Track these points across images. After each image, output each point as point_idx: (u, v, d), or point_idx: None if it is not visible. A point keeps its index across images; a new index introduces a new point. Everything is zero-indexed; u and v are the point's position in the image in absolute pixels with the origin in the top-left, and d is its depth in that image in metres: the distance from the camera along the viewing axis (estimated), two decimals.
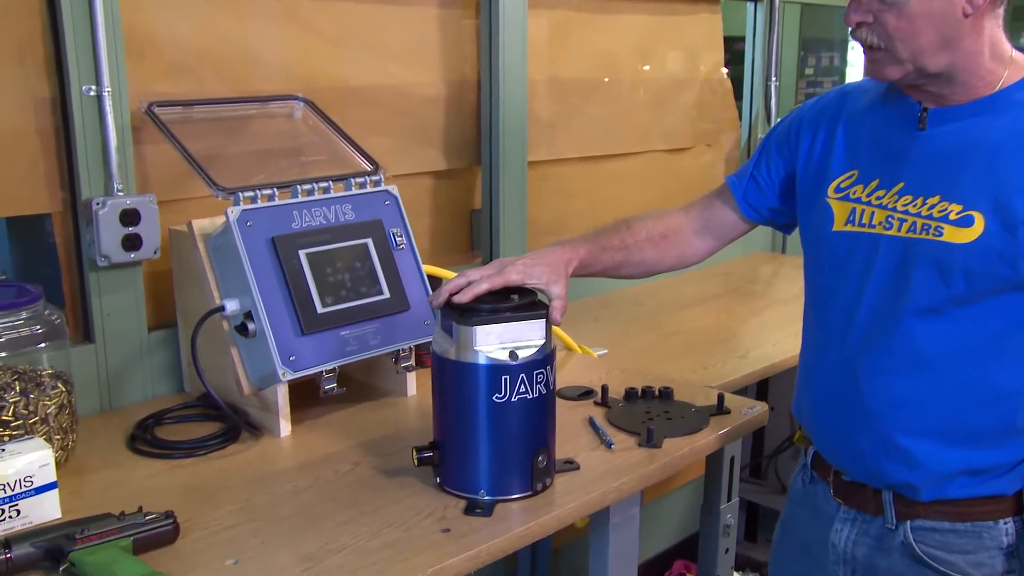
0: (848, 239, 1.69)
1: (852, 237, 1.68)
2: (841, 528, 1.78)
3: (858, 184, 1.70)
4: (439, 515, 1.60)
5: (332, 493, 1.69)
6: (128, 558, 1.44)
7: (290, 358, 1.88)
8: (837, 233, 1.71)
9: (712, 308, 3.05)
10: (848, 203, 1.70)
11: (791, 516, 1.94)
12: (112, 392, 2.13)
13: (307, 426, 1.99)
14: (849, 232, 1.69)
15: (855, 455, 1.71)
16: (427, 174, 2.78)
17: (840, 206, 1.71)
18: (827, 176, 1.75)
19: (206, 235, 1.96)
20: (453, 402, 1.65)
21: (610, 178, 3.31)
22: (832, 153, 1.76)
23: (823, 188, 1.75)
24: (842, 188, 1.72)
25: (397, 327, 2.03)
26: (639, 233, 1.97)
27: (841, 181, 1.73)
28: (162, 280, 2.19)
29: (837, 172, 1.74)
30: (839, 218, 1.71)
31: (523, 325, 1.62)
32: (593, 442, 1.88)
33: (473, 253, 2.93)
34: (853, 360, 1.67)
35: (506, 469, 1.64)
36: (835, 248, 1.71)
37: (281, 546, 1.51)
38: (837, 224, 1.71)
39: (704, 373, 2.42)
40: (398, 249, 2.08)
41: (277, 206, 1.95)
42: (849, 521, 1.77)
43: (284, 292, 1.90)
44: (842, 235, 1.70)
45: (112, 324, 2.11)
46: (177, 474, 1.79)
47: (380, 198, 2.10)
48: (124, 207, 2.04)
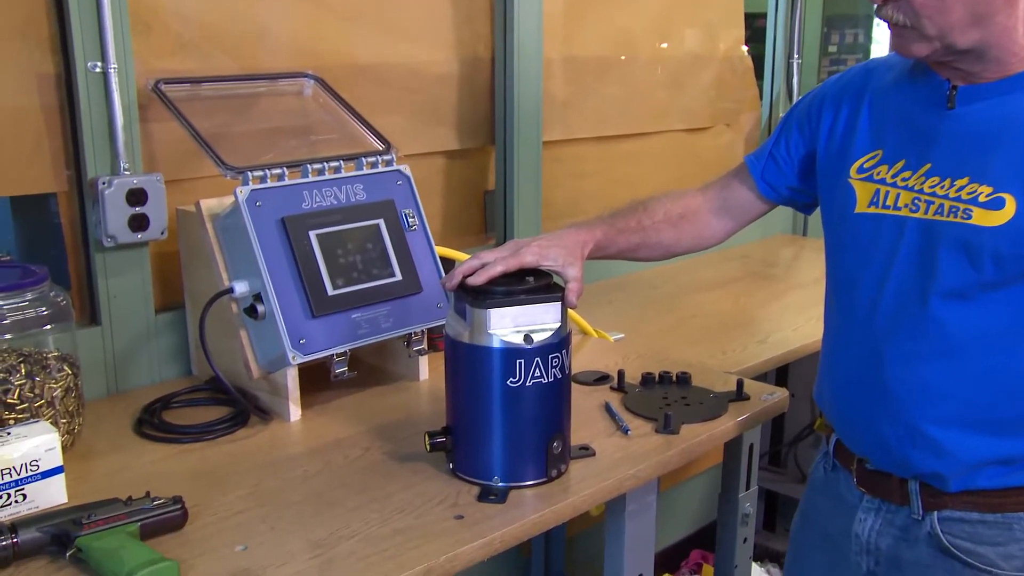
0: (871, 221, 1.67)
1: (875, 219, 1.67)
2: (864, 518, 1.76)
3: (882, 164, 1.68)
4: (452, 501, 1.60)
5: (343, 479, 1.69)
6: (135, 544, 1.45)
7: (300, 341, 1.88)
8: (859, 215, 1.69)
9: (731, 291, 3.05)
10: (871, 184, 1.68)
11: (811, 505, 1.93)
12: (119, 375, 2.14)
13: (317, 410, 1.99)
14: (872, 214, 1.67)
15: (879, 443, 1.69)
16: (439, 154, 2.78)
17: (863, 187, 1.69)
18: (849, 156, 1.73)
19: (214, 215, 1.97)
20: (466, 386, 1.65)
21: (626, 158, 3.31)
22: (855, 132, 1.74)
23: (845, 168, 1.73)
24: (865, 168, 1.70)
25: (409, 310, 2.04)
26: (656, 214, 1.97)
27: (864, 161, 1.71)
28: (169, 261, 2.19)
29: (860, 152, 1.72)
30: (862, 199, 1.69)
31: (538, 308, 1.63)
32: (609, 428, 1.88)
33: (486, 235, 2.93)
34: (877, 346, 1.66)
35: (520, 455, 1.65)
36: (857, 230, 1.70)
37: (291, 532, 1.52)
38: (860, 206, 1.69)
39: (723, 358, 2.42)
40: (410, 230, 2.08)
41: (287, 186, 1.95)
42: (873, 511, 1.75)
43: (294, 274, 1.90)
44: (865, 217, 1.68)
45: (119, 306, 2.12)
46: (185, 459, 1.80)
47: (392, 178, 2.10)
48: (131, 186, 2.04)
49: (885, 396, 1.66)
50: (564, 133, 3.05)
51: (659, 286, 3.08)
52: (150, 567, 1.38)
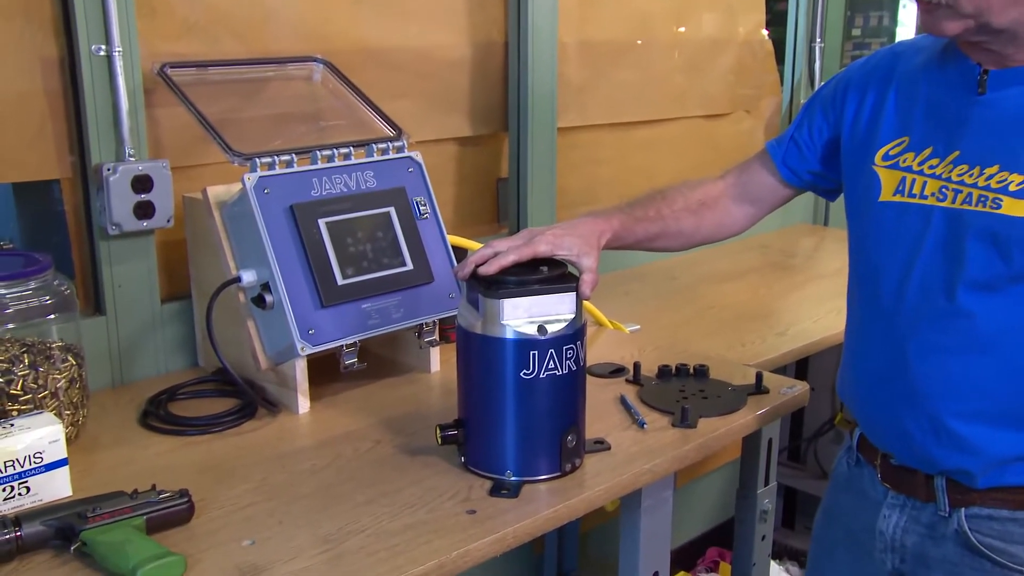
0: (896, 210, 1.66)
1: (900, 208, 1.66)
2: (889, 515, 1.76)
3: (909, 152, 1.67)
4: (463, 496, 1.61)
5: (352, 472, 1.70)
6: (141, 537, 1.45)
7: (309, 331, 1.89)
8: (884, 203, 1.68)
9: (750, 282, 3.05)
10: (897, 172, 1.67)
11: (834, 501, 1.93)
12: (124, 366, 2.15)
13: (326, 403, 2.00)
14: (897, 203, 1.66)
15: (904, 439, 1.69)
16: (451, 140, 2.78)
17: (888, 175, 1.69)
18: (874, 142, 1.72)
19: (222, 203, 1.97)
20: (479, 378, 1.65)
21: (643, 146, 3.30)
22: (881, 118, 1.73)
23: (870, 155, 1.72)
24: (891, 156, 1.69)
25: (420, 300, 2.04)
26: (675, 202, 1.97)
27: (890, 148, 1.70)
28: (176, 250, 2.20)
29: (886, 138, 1.71)
30: (887, 187, 1.68)
31: (552, 298, 1.62)
32: (625, 421, 1.89)
33: (499, 223, 2.93)
34: (902, 339, 1.65)
35: (533, 449, 1.65)
36: (882, 219, 1.69)
37: (299, 527, 1.52)
38: (884, 194, 1.68)
39: (741, 350, 2.42)
40: (422, 218, 2.08)
41: (296, 173, 1.95)
42: (898, 507, 1.75)
43: (303, 262, 1.91)
44: (889, 206, 1.67)
45: (124, 295, 2.13)
46: (191, 451, 1.80)
47: (403, 165, 2.10)
48: (136, 173, 2.05)
49: (910, 390, 1.66)
50: (579, 119, 3.05)
51: (676, 277, 3.08)
52: (156, 562, 1.38)
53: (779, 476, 2.43)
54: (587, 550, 3.12)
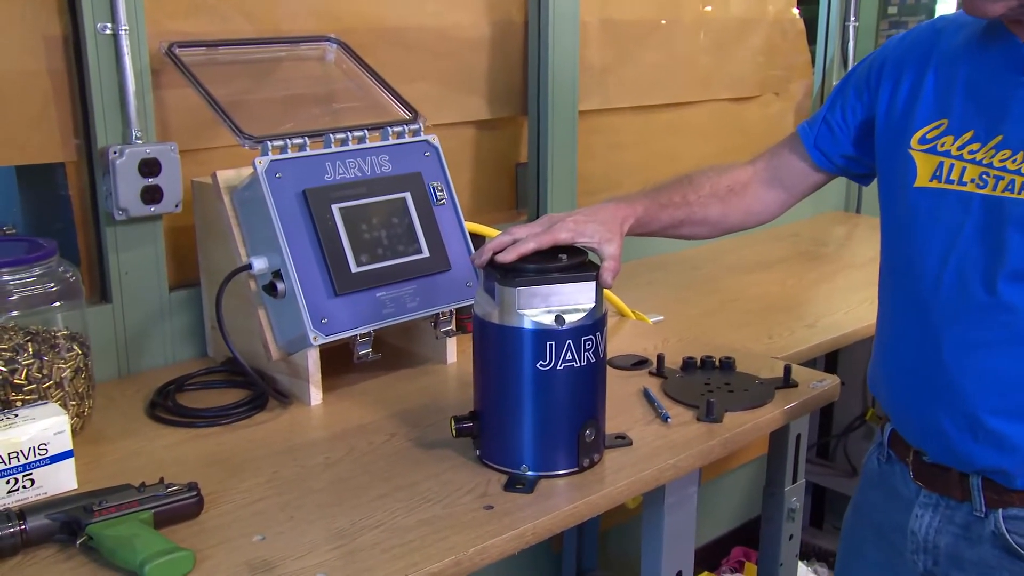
0: (932, 196, 1.64)
1: (937, 195, 1.64)
2: (922, 514, 1.74)
3: (947, 135, 1.64)
4: (480, 491, 1.62)
5: (366, 466, 1.71)
6: (149, 532, 1.46)
7: (322, 321, 1.90)
8: (920, 189, 1.66)
9: (778, 272, 3.05)
10: (934, 156, 1.65)
11: (864, 499, 1.92)
12: (130, 356, 2.16)
13: (339, 394, 2.01)
14: (934, 189, 1.64)
15: (938, 435, 1.67)
16: (469, 124, 2.78)
17: (925, 159, 1.66)
18: (911, 125, 1.70)
19: (232, 187, 1.98)
20: (495, 369, 1.66)
21: (668, 130, 3.30)
22: (919, 99, 1.70)
23: (905, 138, 1.70)
24: (928, 139, 1.67)
25: (437, 288, 2.05)
26: (702, 188, 1.96)
27: (927, 131, 1.67)
28: (184, 236, 2.21)
29: (923, 121, 1.68)
30: (923, 173, 1.66)
31: (571, 287, 1.63)
32: (647, 415, 1.89)
33: (518, 210, 2.94)
34: (937, 331, 1.63)
35: (551, 443, 1.66)
36: (917, 206, 1.67)
37: (311, 522, 1.53)
38: (920, 179, 1.66)
39: (769, 343, 2.43)
40: (438, 204, 2.09)
41: (308, 157, 1.96)
42: (931, 507, 1.73)
43: (316, 249, 1.91)
44: (925, 192, 1.65)
45: (130, 283, 2.14)
46: (200, 444, 1.82)
47: (419, 149, 2.11)
48: (143, 156, 2.06)
49: (945, 385, 1.64)
50: (601, 102, 3.06)
51: (701, 266, 3.09)
52: (164, 557, 1.39)
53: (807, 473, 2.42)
54: (607, 549, 3.13)
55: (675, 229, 1.96)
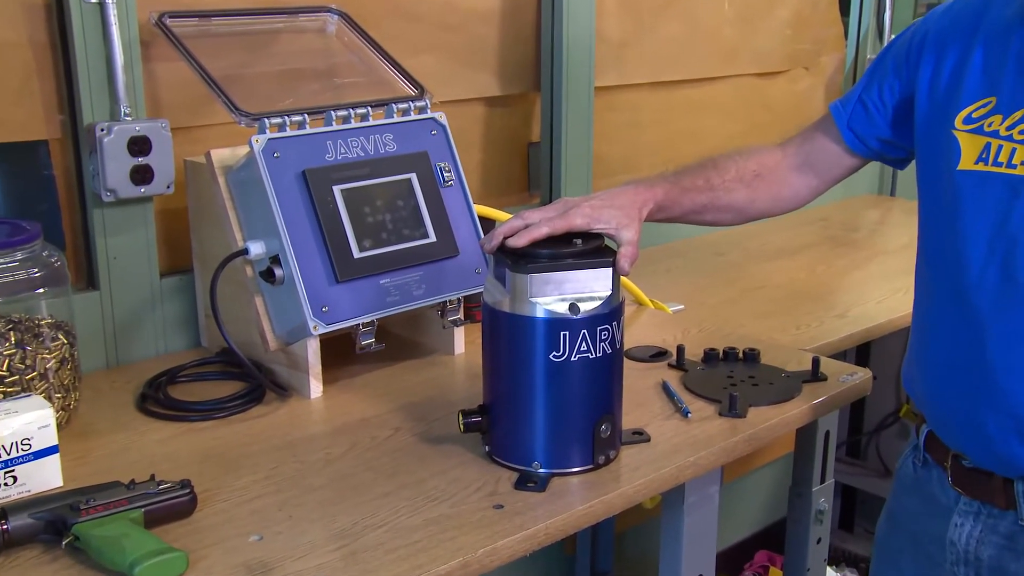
0: (977, 180, 1.63)
1: (982, 178, 1.62)
2: (962, 523, 1.73)
3: (996, 114, 1.62)
4: (490, 489, 1.62)
5: (369, 462, 1.72)
6: (139, 532, 1.46)
7: (322, 309, 1.90)
8: (964, 172, 1.64)
9: (806, 259, 3.05)
10: (981, 137, 1.63)
11: (899, 506, 1.92)
12: (119, 346, 2.17)
13: (341, 386, 2.02)
14: (979, 172, 1.62)
15: (980, 437, 1.66)
16: (479, 100, 2.79)
17: (970, 140, 1.64)
18: (956, 103, 1.68)
19: (227, 167, 1.98)
20: (505, 361, 1.67)
21: (689, 107, 3.30)
22: (965, 75, 1.68)
23: (950, 118, 1.68)
24: (974, 118, 1.65)
25: (444, 275, 2.05)
26: (727, 172, 1.95)
27: (973, 110, 1.65)
28: (176, 219, 2.22)
29: (969, 99, 1.67)
30: (968, 155, 1.64)
31: (586, 274, 1.63)
32: (666, 410, 1.90)
33: (530, 192, 2.94)
34: (980, 325, 1.62)
35: (564, 438, 1.66)
36: (960, 190, 1.65)
37: (312, 521, 1.54)
38: (964, 162, 1.64)
39: (796, 334, 2.43)
40: (446, 186, 2.10)
41: (308, 135, 1.97)
42: (972, 515, 1.72)
43: (316, 233, 1.92)
44: (970, 175, 1.64)
45: (119, 269, 2.15)
46: (194, 439, 1.82)
47: (425, 127, 2.12)
48: (133, 134, 2.06)
49: (988, 383, 1.62)
50: (619, 78, 3.05)
51: (724, 252, 3.09)
52: (156, 558, 1.39)
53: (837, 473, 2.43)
54: (623, 551, 3.14)
55: (698, 215, 1.96)
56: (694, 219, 1.97)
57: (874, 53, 3.71)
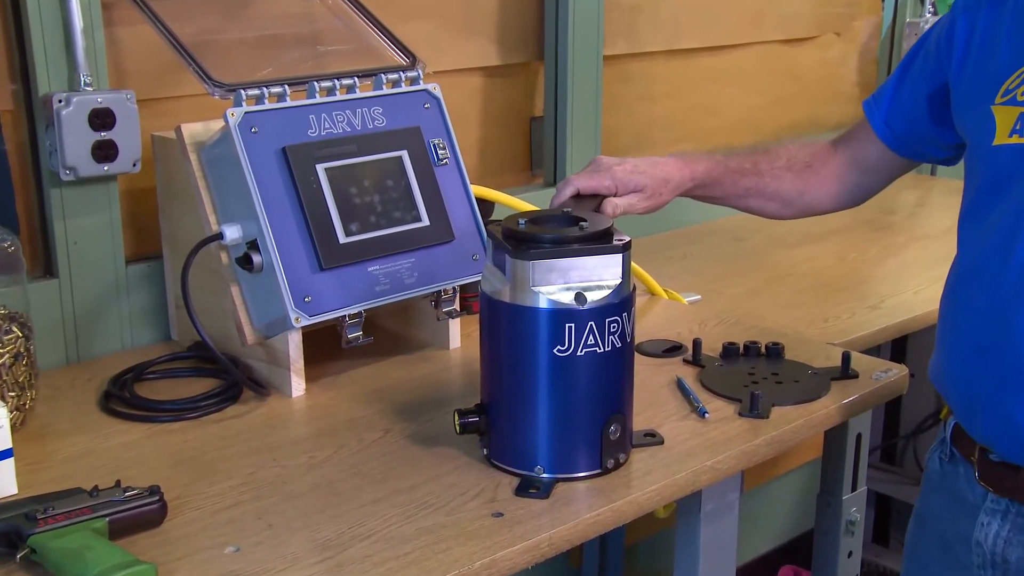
0: (1012, 155, 1.65)
1: (1016, 151, 1.64)
2: (988, 522, 1.75)
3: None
4: (489, 496, 1.63)
5: (356, 467, 1.72)
6: (103, 543, 1.46)
7: (305, 299, 1.91)
8: (998, 148, 1.67)
9: (836, 244, 3.06)
10: (1014, 108, 1.66)
11: (926, 506, 1.93)
12: (80, 339, 2.18)
13: (325, 384, 2.03)
14: (1014, 145, 1.65)
15: (1007, 428, 1.67)
16: (476, 71, 2.79)
17: (1005, 113, 1.67)
18: (991, 78, 1.71)
19: (199, 144, 1.99)
20: (505, 355, 1.67)
21: (708, 76, 3.31)
22: (998, 48, 1.71)
23: (990, 95, 1.70)
24: (1010, 90, 1.67)
25: (438, 262, 2.06)
26: (778, 159, 1.98)
27: (1011, 83, 1.68)
28: (143, 200, 2.23)
29: (1005, 71, 1.69)
30: (1002, 128, 1.67)
31: (594, 260, 1.63)
32: (681, 409, 1.90)
33: (533, 172, 2.95)
34: (1007, 307, 1.63)
35: (569, 441, 1.67)
36: (994, 166, 1.68)
37: (293, 531, 1.54)
38: (999, 136, 1.67)
39: (824, 326, 2.44)
40: (440, 165, 2.10)
41: (289, 108, 1.97)
42: (999, 513, 1.73)
43: (298, 216, 1.93)
44: (1004, 150, 1.66)
45: (80, 255, 2.15)
46: (163, 441, 1.83)
47: (418, 100, 2.12)
48: (94, 106, 2.06)
49: (1015, 370, 1.64)
50: (630, 45, 3.06)
51: (746, 237, 3.09)
52: (121, 571, 1.39)
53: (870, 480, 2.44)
54: (634, 564, 3.15)
55: (742, 199, 1.98)
56: (737, 203, 1.99)
57: (914, 17, 3.71)
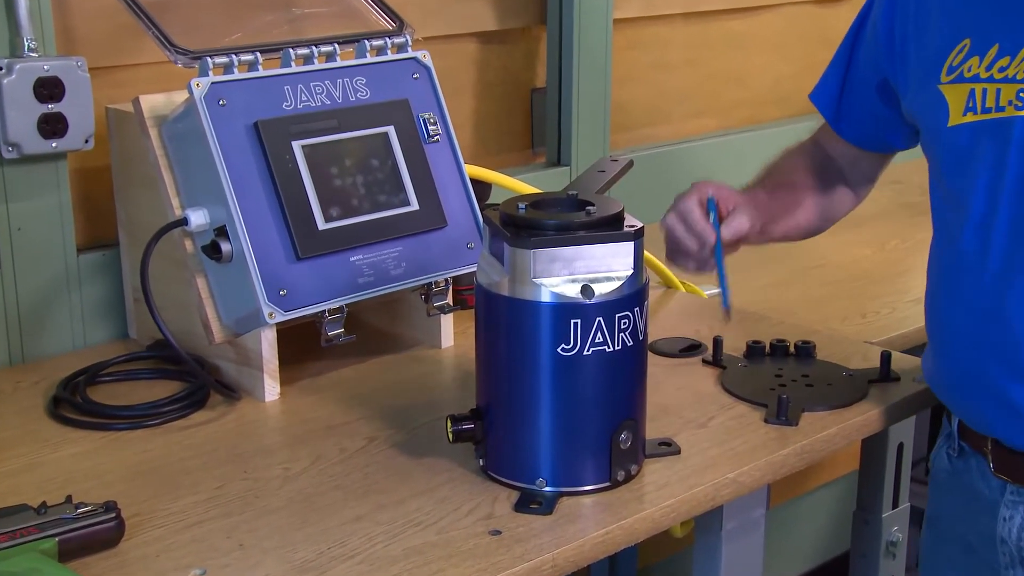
0: (969, 133, 1.70)
1: (974, 129, 1.69)
2: (1010, 516, 1.76)
3: (972, 56, 1.70)
4: (485, 512, 1.63)
5: (337, 479, 1.73)
6: (52, 566, 1.47)
7: (280, 292, 1.91)
8: (955, 128, 1.72)
9: (875, 231, 3.07)
10: (963, 85, 1.71)
11: (938, 508, 1.95)
12: (26, 338, 2.18)
13: (303, 387, 2.04)
14: (970, 124, 1.70)
15: (1010, 414, 1.71)
16: (471, 37, 2.80)
17: (954, 92, 1.72)
18: (931, 55, 1.76)
19: (160, 118, 1.99)
20: (503, 355, 1.68)
21: (730, 42, 3.31)
22: (930, 19, 1.77)
23: (933, 74, 1.76)
24: (954, 67, 1.73)
25: (429, 251, 2.07)
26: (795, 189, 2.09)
27: (953, 58, 1.73)
28: (97, 181, 2.23)
29: (947, 47, 1.74)
30: (955, 108, 1.72)
31: (603, 249, 1.63)
32: (700, 415, 1.91)
33: (534, 150, 2.95)
34: (995, 291, 1.68)
35: (575, 450, 1.67)
36: (954, 147, 1.73)
37: (266, 550, 1.55)
38: (953, 116, 1.72)
39: (861, 323, 2.45)
40: (431, 142, 2.11)
41: (261, 78, 1.98)
42: (1021, 505, 1.75)
43: (271, 200, 1.93)
44: (962, 129, 1.71)
45: (25, 242, 2.16)
46: (120, 451, 1.84)
47: (406, 70, 2.13)
48: (40, 74, 2.06)
49: (1011, 351, 1.68)
50: (643, 8, 3.06)
51: None
52: None
53: (913, 496, 2.44)
54: None
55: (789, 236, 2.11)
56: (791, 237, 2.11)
57: None
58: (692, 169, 2.03)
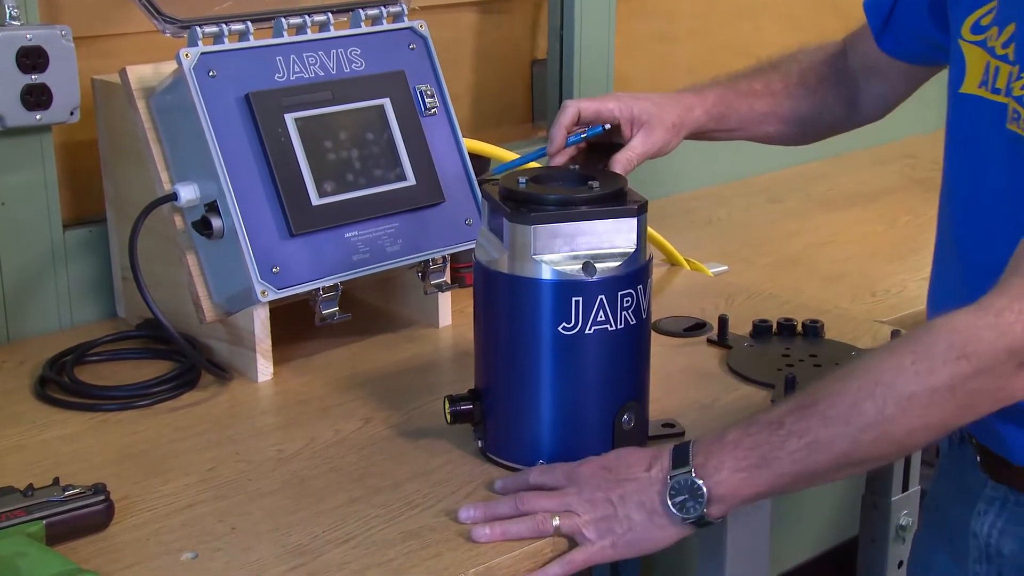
0: (973, 107, 1.67)
1: (978, 105, 1.65)
2: (985, 510, 1.75)
3: (994, 26, 1.64)
4: (483, 494, 1.64)
5: (331, 461, 1.74)
6: (40, 549, 1.47)
7: (272, 270, 1.92)
8: (964, 97, 1.69)
9: (886, 206, 3.07)
10: (982, 53, 1.66)
11: (935, 490, 1.94)
12: (11, 317, 2.19)
13: (296, 367, 2.05)
14: (979, 99, 1.66)
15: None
16: (470, 6, 2.80)
17: (975, 55, 1.67)
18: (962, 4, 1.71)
19: (148, 89, 1.99)
20: (503, 334, 1.69)
21: (738, 12, 3.30)
22: None
23: (958, 23, 1.71)
24: (982, 27, 1.67)
25: (426, 227, 2.07)
26: (790, 75, 2.01)
27: (981, 16, 1.67)
28: (83, 155, 2.24)
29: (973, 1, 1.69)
30: (971, 74, 1.67)
31: (605, 225, 1.64)
32: (704, 396, 1.92)
33: (535, 123, 2.95)
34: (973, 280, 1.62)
35: (577, 431, 1.68)
36: (959, 117, 1.70)
37: (259, 534, 1.56)
38: (968, 83, 1.68)
39: (871, 302, 2.46)
40: (427, 115, 2.12)
41: (253, 49, 1.98)
42: (997, 501, 1.73)
43: (264, 174, 1.93)
44: (969, 101, 1.67)
45: (9, 218, 2.16)
46: (109, 433, 1.85)
47: (402, 40, 2.13)
48: (23, 43, 2.06)
49: None
50: None
51: (781, 198, 3.10)
52: None
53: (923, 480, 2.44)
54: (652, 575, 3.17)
55: (758, 126, 2.01)
56: (754, 132, 2.01)
57: None
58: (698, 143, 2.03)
